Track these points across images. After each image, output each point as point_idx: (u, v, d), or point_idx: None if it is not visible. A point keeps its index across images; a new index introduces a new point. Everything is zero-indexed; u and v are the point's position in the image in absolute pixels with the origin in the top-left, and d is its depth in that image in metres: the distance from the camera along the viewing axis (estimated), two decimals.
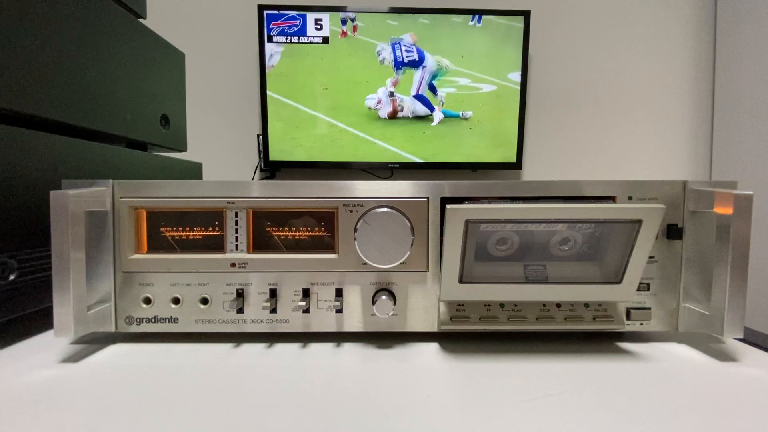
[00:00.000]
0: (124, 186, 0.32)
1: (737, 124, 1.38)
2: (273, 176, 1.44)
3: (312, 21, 1.33)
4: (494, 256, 0.31)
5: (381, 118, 1.39)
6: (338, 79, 1.37)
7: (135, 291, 0.33)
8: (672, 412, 0.23)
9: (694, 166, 1.54)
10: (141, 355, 0.31)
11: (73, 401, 0.24)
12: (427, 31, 1.37)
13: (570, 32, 1.50)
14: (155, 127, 0.56)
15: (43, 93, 0.37)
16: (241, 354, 0.31)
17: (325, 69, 1.37)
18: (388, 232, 0.31)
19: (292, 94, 1.37)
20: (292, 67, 1.36)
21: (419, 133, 1.40)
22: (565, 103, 1.52)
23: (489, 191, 0.32)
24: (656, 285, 0.33)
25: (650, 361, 0.30)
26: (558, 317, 0.32)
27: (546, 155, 1.53)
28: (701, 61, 1.51)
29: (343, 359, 0.30)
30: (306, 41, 1.34)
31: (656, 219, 0.28)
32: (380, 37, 1.36)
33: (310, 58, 1.36)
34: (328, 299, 0.33)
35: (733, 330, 0.29)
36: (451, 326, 0.32)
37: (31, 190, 0.34)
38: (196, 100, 1.45)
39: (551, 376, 0.27)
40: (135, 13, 0.53)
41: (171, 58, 0.60)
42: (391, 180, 0.68)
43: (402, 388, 0.26)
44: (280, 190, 0.33)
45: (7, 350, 0.32)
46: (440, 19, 1.36)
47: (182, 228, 0.33)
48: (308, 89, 1.37)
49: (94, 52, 0.44)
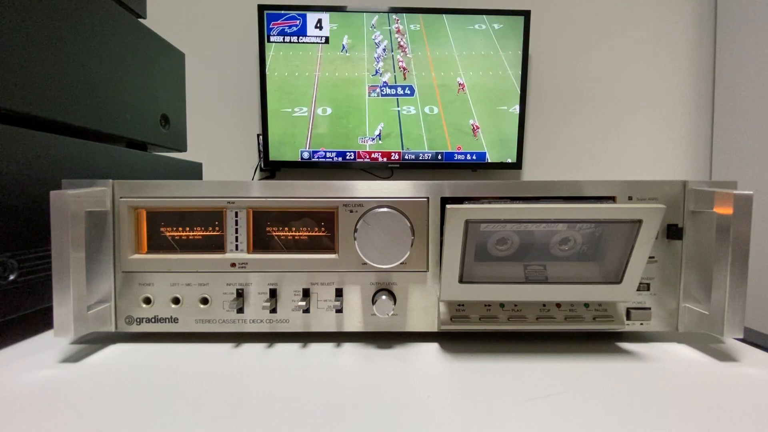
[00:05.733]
0: (124, 186, 0.32)
1: (737, 124, 1.38)
2: (273, 176, 1.44)
3: (312, 21, 1.33)
4: (494, 256, 0.31)
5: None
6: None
7: (135, 291, 0.33)
8: (672, 412, 0.23)
9: (694, 166, 1.54)
10: (141, 355, 0.31)
11: (73, 401, 0.24)
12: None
13: (570, 32, 1.50)
14: (155, 127, 0.56)
15: (43, 93, 0.37)
16: (241, 354, 0.31)
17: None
18: (388, 232, 0.31)
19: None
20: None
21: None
22: (565, 103, 1.52)
23: (489, 191, 0.32)
24: (656, 285, 0.33)
25: (650, 361, 0.30)
26: (558, 317, 0.32)
27: (546, 155, 1.53)
28: (701, 61, 1.51)
29: (343, 359, 0.30)
30: (306, 41, 1.34)
31: (656, 219, 0.28)
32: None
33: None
34: (328, 299, 0.33)
35: (733, 330, 0.29)
36: (451, 326, 0.32)
37: (31, 190, 0.34)
38: (196, 100, 1.45)
39: (551, 376, 0.27)
40: (135, 13, 0.53)
41: (171, 58, 0.60)
42: (391, 180, 0.68)
43: (402, 388, 0.26)
44: (280, 190, 0.33)
45: (7, 350, 0.32)
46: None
47: (182, 228, 0.33)
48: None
49: (94, 52, 0.44)
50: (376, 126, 1.39)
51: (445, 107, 1.40)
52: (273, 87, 1.36)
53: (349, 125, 1.39)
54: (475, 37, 1.38)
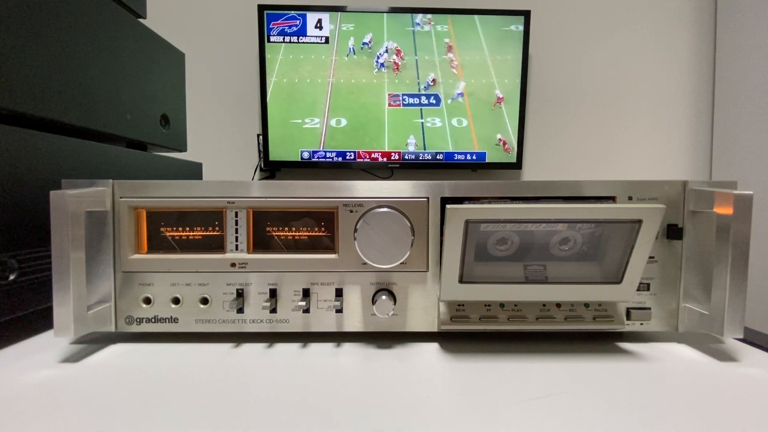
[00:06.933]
0: (124, 186, 0.32)
1: (737, 124, 1.38)
2: (273, 176, 1.44)
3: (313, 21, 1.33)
4: (494, 256, 0.31)
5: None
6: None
7: (135, 291, 0.33)
8: (672, 412, 0.23)
9: (694, 166, 1.54)
10: (141, 355, 0.31)
11: (73, 401, 0.24)
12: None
13: (570, 32, 1.50)
14: (155, 127, 0.56)
15: (43, 93, 0.37)
16: (241, 354, 0.31)
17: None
18: (388, 232, 0.31)
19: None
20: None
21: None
22: (565, 103, 1.52)
23: (489, 191, 0.32)
24: (656, 285, 0.33)
25: (650, 361, 0.30)
26: (558, 317, 0.32)
27: (546, 155, 1.53)
28: (701, 61, 1.51)
29: (343, 359, 0.30)
30: (306, 41, 1.34)
31: (656, 219, 0.28)
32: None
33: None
34: (328, 299, 0.33)
35: (733, 330, 0.29)
36: (451, 326, 0.32)
37: (31, 190, 0.34)
38: (196, 100, 1.45)
39: (551, 376, 0.27)
40: (135, 13, 0.53)
41: (171, 58, 0.60)
42: (391, 180, 0.68)
43: (402, 388, 0.26)
44: (280, 190, 0.33)
45: (7, 350, 0.32)
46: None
47: (182, 228, 0.33)
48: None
49: (94, 52, 0.44)
50: (404, 138, 1.28)
51: (475, 119, 1.30)
52: (280, 95, 1.31)
53: (366, 138, 1.31)
54: (510, 39, 1.31)
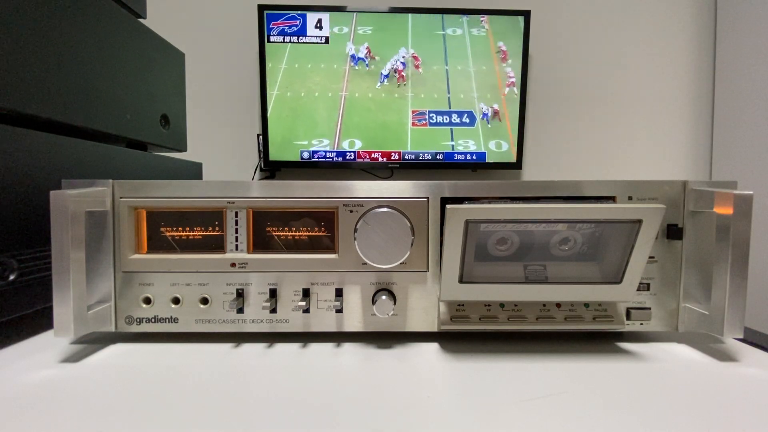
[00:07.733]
0: (124, 186, 0.32)
1: (737, 124, 1.38)
2: (273, 176, 1.44)
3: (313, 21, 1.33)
4: (494, 256, 0.31)
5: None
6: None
7: (135, 291, 0.33)
8: (672, 412, 0.23)
9: (694, 166, 1.54)
10: (141, 355, 0.31)
11: (73, 401, 0.24)
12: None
13: (570, 32, 1.50)
14: (155, 127, 0.56)
15: (43, 93, 0.37)
16: (241, 354, 0.31)
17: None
18: (388, 232, 0.31)
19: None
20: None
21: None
22: (566, 102, 1.52)
23: (489, 191, 0.32)
24: (656, 285, 0.33)
25: (650, 361, 0.30)
26: (558, 317, 0.32)
27: (546, 155, 1.53)
28: (701, 61, 1.51)
29: (343, 359, 0.30)
30: (306, 41, 1.34)
31: (656, 219, 0.28)
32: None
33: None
34: (328, 299, 0.33)
35: (733, 330, 0.29)
36: (451, 326, 0.32)
37: (31, 190, 0.34)
38: (196, 100, 1.45)
39: (551, 376, 0.27)
40: (135, 13, 0.53)
41: (171, 58, 0.60)
42: (391, 180, 0.68)
43: (402, 388, 0.26)
44: (280, 190, 0.33)
45: (7, 350, 0.32)
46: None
47: (182, 228, 0.33)
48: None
49: (94, 52, 0.44)
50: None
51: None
52: (283, 110, 1.23)
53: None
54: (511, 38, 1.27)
